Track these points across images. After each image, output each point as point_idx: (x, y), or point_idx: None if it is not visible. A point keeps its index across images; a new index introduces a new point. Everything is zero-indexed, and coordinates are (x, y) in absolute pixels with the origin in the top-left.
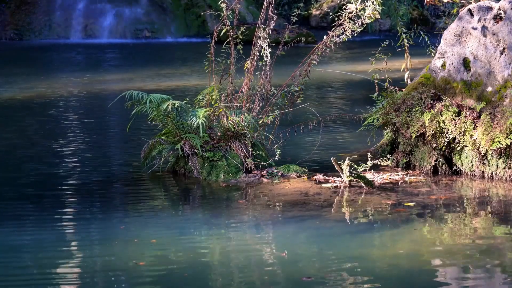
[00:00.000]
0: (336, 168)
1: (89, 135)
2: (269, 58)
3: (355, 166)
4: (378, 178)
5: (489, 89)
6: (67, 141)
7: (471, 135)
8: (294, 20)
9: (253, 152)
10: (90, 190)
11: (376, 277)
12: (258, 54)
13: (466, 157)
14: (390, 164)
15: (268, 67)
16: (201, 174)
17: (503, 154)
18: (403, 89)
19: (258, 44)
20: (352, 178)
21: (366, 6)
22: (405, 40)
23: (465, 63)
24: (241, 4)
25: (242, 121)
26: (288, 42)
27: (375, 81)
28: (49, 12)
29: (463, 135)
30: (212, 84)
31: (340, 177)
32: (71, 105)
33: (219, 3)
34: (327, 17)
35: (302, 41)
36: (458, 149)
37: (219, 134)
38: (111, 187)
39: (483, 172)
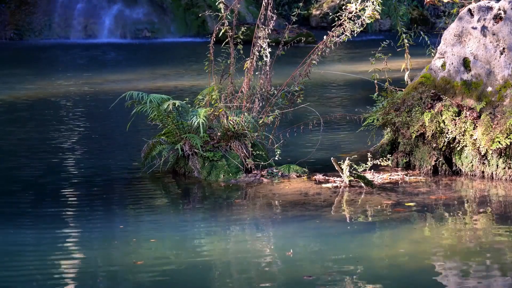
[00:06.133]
0: (336, 168)
1: (89, 135)
2: (269, 58)
3: (355, 166)
4: (378, 178)
5: (489, 89)
6: (67, 141)
7: (471, 135)
8: (294, 20)
9: (253, 152)
10: (90, 189)
11: (376, 277)
12: (258, 54)
13: (466, 157)
14: (390, 164)
15: (268, 67)
16: (201, 174)
17: (503, 154)
18: (403, 89)
19: (258, 44)
20: (352, 178)
21: (366, 6)
22: (405, 40)
23: (465, 63)
24: (240, 4)
25: (242, 121)
26: (288, 42)
27: (375, 81)
28: (49, 12)
29: (463, 135)
30: (212, 84)
31: (340, 177)
32: (71, 105)
33: (217, 3)
34: (327, 17)
35: (302, 41)
36: (458, 149)
37: (219, 134)
38: (111, 186)
39: (483, 172)
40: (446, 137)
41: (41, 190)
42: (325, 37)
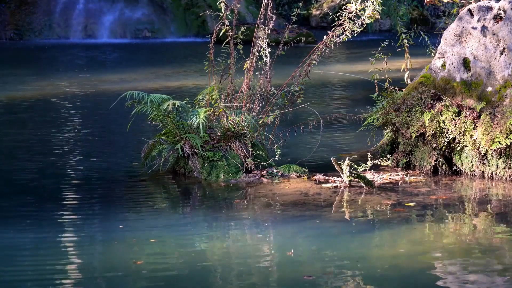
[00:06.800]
0: (336, 168)
1: (88, 135)
2: (268, 58)
3: (355, 166)
4: (378, 178)
5: (489, 89)
6: (66, 141)
7: (471, 135)
8: (294, 20)
9: (253, 152)
10: (90, 189)
11: (376, 277)
12: (258, 54)
13: (466, 157)
14: (390, 164)
15: (268, 67)
16: (201, 174)
17: (503, 154)
18: (403, 89)
19: (258, 44)
20: (352, 178)
21: (366, 6)
22: (405, 40)
23: (465, 63)
24: (240, 4)
25: (242, 121)
26: (288, 42)
27: (375, 81)
28: (49, 12)
29: (463, 135)
30: (212, 84)
31: (340, 177)
32: (71, 105)
33: (217, 3)
34: (327, 17)
35: (302, 41)
36: (458, 149)
37: (219, 134)
38: (111, 187)
39: (483, 172)
40: (446, 137)
41: (41, 190)
42: (325, 37)
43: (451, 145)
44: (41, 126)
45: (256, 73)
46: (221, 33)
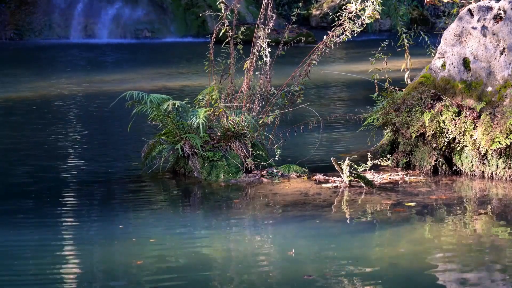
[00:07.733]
0: (336, 168)
1: (89, 135)
2: (268, 58)
3: (355, 166)
4: (378, 178)
5: (489, 89)
6: (67, 141)
7: (471, 135)
8: (294, 20)
9: (253, 152)
10: (90, 189)
11: (376, 277)
12: (258, 54)
13: (466, 157)
14: (390, 164)
15: (268, 67)
16: (201, 174)
17: (503, 154)
18: (403, 89)
19: (258, 44)
20: (352, 178)
21: (366, 6)
22: (405, 40)
23: (465, 63)
24: (240, 4)
25: (242, 121)
26: (288, 42)
27: (375, 81)
28: (49, 12)
29: (463, 135)
30: (212, 84)
31: (340, 177)
32: (71, 105)
33: (217, 3)
34: (327, 17)
35: (302, 41)
36: (458, 149)
37: (219, 134)
38: (111, 187)
39: (483, 172)
40: (446, 137)
41: (41, 189)
42: (325, 37)
43: (451, 145)
44: (40, 126)
45: (256, 73)
46: (221, 33)
